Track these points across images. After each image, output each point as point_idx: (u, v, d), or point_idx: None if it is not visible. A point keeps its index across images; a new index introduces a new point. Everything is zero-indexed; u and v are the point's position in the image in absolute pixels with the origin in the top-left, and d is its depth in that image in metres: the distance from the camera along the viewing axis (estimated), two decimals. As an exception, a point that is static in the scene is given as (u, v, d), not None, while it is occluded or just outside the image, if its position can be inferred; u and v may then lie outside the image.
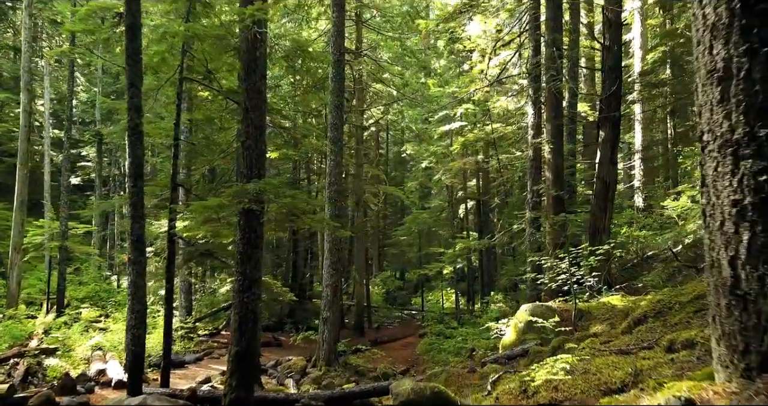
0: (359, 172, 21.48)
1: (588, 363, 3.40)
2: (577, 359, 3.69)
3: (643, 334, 4.89)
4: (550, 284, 9.22)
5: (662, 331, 4.81)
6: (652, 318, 5.49)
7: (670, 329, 4.82)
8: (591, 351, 4.70)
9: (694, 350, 3.37)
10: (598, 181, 12.55)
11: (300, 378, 13.11)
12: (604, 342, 5.06)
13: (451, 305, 27.68)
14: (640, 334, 4.93)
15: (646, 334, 4.85)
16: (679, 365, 3.19)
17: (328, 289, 14.28)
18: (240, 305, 6.80)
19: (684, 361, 3.25)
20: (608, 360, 3.64)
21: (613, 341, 4.98)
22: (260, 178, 6.95)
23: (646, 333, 4.89)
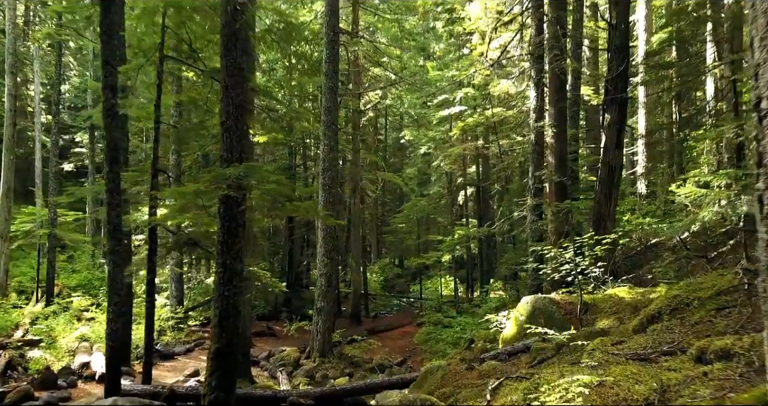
0: (356, 158, 20.93)
1: (602, 371, 2.91)
2: (591, 364, 3.18)
3: (660, 334, 4.39)
4: (553, 275, 8.73)
5: (682, 332, 4.31)
6: (668, 315, 4.99)
7: (690, 329, 4.33)
8: (603, 354, 4.21)
9: (731, 363, 2.88)
10: (603, 166, 12.00)
11: (293, 370, 12.70)
12: (616, 343, 4.57)
13: (450, 292, 27.26)
14: (656, 334, 4.44)
15: (663, 334, 4.36)
16: (717, 383, 2.70)
17: (322, 278, 13.82)
18: (220, 299, 6.31)
19: (722, 377, 2.75)
20: (626, 369, 3.16)
21: (626, 343, 4.49)
22: (242, 162, 6.41)
23: (663, 333, 4.40)
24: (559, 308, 7.89)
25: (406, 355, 16.15)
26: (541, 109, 12.84)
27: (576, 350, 5.99)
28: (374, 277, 32.62)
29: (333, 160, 13.90)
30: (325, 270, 13.76)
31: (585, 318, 7.47)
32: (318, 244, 13.97)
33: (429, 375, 7.07)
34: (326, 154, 13.84)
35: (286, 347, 15.61)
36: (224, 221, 6.43)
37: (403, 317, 22.67)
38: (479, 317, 16.65)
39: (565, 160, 12.35)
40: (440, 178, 28.98)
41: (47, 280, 19.15)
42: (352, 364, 14.23)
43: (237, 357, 6.54)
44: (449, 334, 16.53)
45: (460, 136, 23.43)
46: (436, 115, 24.36)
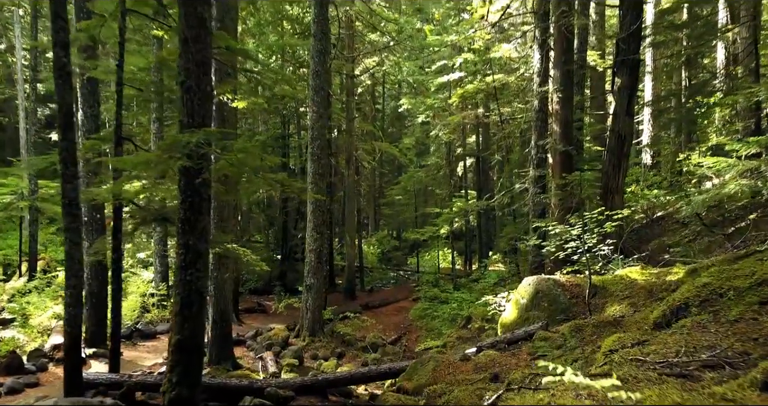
0: (350, 127, 19.99)
1: (632, 393, 2.16)
2: (615, 384, 2.41)
3: (692, 334, 3.63)
4: (558, 253, 7.97)
5: (720, 332, 3.55)
6: (697, 308, 4.23)
7: (729, 329, 3.57)
8: (624, 361, 3.45)
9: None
10: (612, 134, 11.14)
11: (280, 350, 12.07)
12: (638, 342, 3.81)
13: (447, 264, 26.62)
14: (687, 334, 3.68)
15: (696, 335, 3.60)
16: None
17: (311, 254, 13.09)
18: (182, 285, 5.54)
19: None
20: (664, 394, 2.41)
21: (650, 343, 3.73)
22: (205, 127, 5.56)
23: (695, 333, 3.64)
24: (564, 291, 7.15)
25: (401, 332, 15.56)
26: (545, 73, 11.90)
27: (587, 343, 5.27)
28: (371, 249, 31.98)
29: (322, 128, 13.00)
30: (315, 245, 13.02)
31: (593, 302, 6.74)
32: (307, 218, 13.20)
33: (419, 366, 6.38)
34: (315, 122, 12.94)
35: (276, 325, 15.00)
36: (186, 195, 5.61)
37: (399, 291, 22.07)
38: (477, 293, 16.01)
39: (570, 127, 11.47)
40: (439, 148, 28.05)
41: (30, 254, 18.49)
42: (343, 343, 13.63)
43: (202, 349, 5.81)
44: (445, 310, 15.91)
45: (460, 104, 22.45)
46: (435, 81, 23.29)
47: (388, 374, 7.19)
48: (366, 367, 7.90)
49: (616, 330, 5.29)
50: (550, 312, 7.01)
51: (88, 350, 10.53)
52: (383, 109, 40.11)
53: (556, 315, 6.92)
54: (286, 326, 14.54)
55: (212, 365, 10.07)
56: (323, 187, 13.09)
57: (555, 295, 7.08)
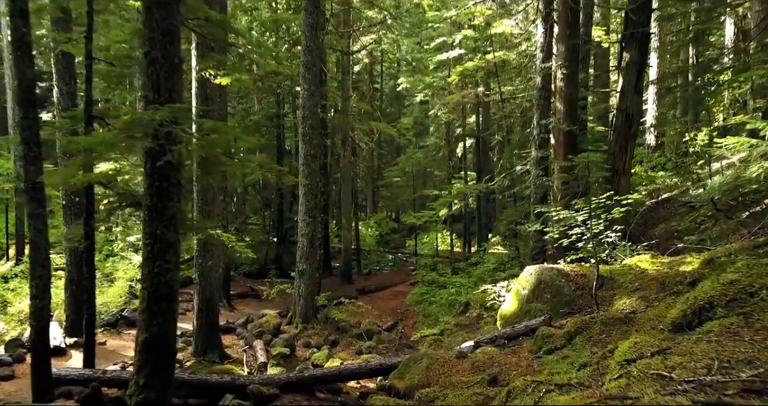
0: (345, 106, 19.31)
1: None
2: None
3: (722, 343, 3.12)
4: (561, 240, 7.46)
5: (755, 341, 3.04)
6: (724, 309, 3.72)
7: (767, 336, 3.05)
8: (644, 377, 2.94)
9: None
10: (619, 113, 10.54)
11: (271, 339, 11.63)
12: (658, 351, 3.30)
13: (446, 247, 26.16)
14: (716, 341, 3.17)
15: (728, 344, 3.09)
16: None
17: (304, 239, 12.58)
18: (150, 278, 5.03)
19: None
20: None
21: (672, 352, 3.22)
22: (173, 104, 4.98)
23: (727, 342, 3.13)
24: (568, 282, 6.65)
25: (397, 318, 15.13)
26: (549, 48, 11.23)
27: (595, 343, 4.77)
28: (369, 231, 31.50)
29: (314, 106, 12.38)
30: (307, 230, 12.50)
31: (600, 295, 6.23)
32: (299, 201, 12.66)
33: (412, 364, 5.90)
34: (306, 100, 12.31)
35: (269, 311, 14.57)
36: (152, 179, 5.07)
37: (397, 275, 21.64)
38: (476, 277, 15.56)
39: (575, 106, 10.86)
40: (438, 128, 27.37)
41: (17, 237, 18.01)
42: (338, 329, 13.20)
43: (173, 348, 5.32)
44: (443, 295, 15.47)
45: (459, 83, 21.72)
46: (434, 59, 22.56)
47: (379, 370, 6.73)
48: (356, 363, 7.41)
49: (627, 329, 4.79)
50: (553, 304, 6.51)
51: (69, 340, 10.10)
52: (381, 88, 39.29)
53: (560, 308, 6.43)
54: (279, 312, 14.10)
55: (198, 355, 9.64)
56: (316, 169, 12.53)
57: (558, 286, 6.58)
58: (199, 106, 9.41)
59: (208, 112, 9.45)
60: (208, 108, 9.38)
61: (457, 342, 11.16)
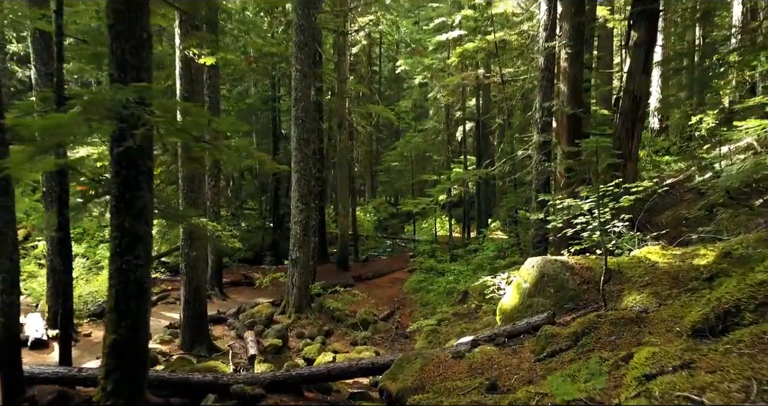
0: (342, 88, 18.75)
1: None
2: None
3: (756, 357, 2.70)
4: (565, 230, 7.01)
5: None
6: (753, 314, 3.30)
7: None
8: (667, 397, 2.53)
9: None
10: (626, 95, 10.05)
11: (263, 329, 11.27)
12: (681, 366, 2.88)
13: (445, 232, 25.77)
14: (748, 355, 2.75)
15: (763, 358, 2.67)
16: None
17: (297, 226, 12.16)
18: (117, 274, 4.61)
19: None
20: None
21: (698, 367, 2.80)
22: (140, 82, 4.50)
23: (761, 356, 2.71)
24: (573, 276, 6.23)
25: (394, 306, 14.78)
26: (552, 27, 10.67)
27: (604, 346, 4.36)
28: (368, 217, 31.10)
29: (306, 88, 11.86)
30: (300, 217, 12.07)
31: (608, 289, 5.81)
32: (292, 187, 12.21)
33: (406, 364, 5.50)
34: (299, 82, 11.79)
35: (262, 299, 14.21)
36: (119, 167, 4.62)
37: (395, 261, 21.28)
38: (475, 265, 15.18)
39: (579, 87, 10.35)
40: (438, 112, 26.80)
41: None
42: (332, 319, 12.85)
43: (146, 351, 4.91)
44: (441, 283, 15.10)
45: (459, 65, 21.13)
46: (433, 40, 21.93)
47: (371, 369, 6.34)
48: (346, 362, 7.02)
49: (639, 330, 4.37)
50: (557, 299, 6.10)
51: (52, 332, 9.71)
52: (380, 71, 38.57)
53: (564, 303, 6.02)
54: (272, 301, 13.74)
55: (185, 348, 9.28)
56: (309, 153, 12.05)
57: (563, 280, 6.16)
58: (184, 87, 8.91)
59: (193, 94, 8.94)
60: (193, 90, 8.87)
61: (455, 333, 10.82)
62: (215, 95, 13.88)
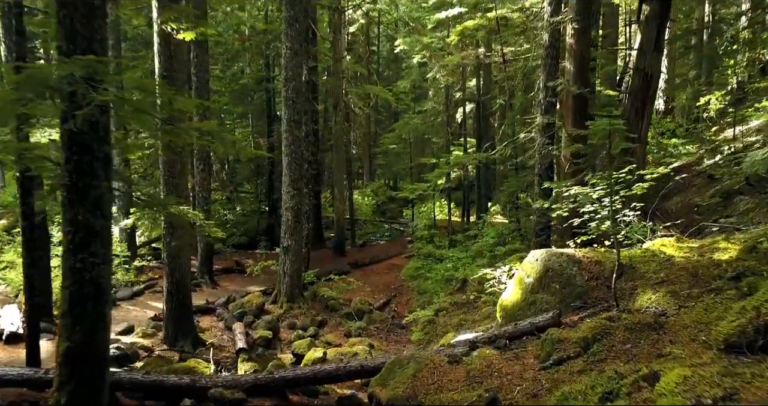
0: (337, 68, 18.06)
1: None
2: None
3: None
4: (572, 220, 6.49)
5: None
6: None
7: None
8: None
9: None
10: (636, 73, 9.44)
11: (254, 320, 10.82)
12: (724, 397, 2.37)
13: (444, 216, 25.28)
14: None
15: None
16: None
17: (288, 212, 11.63)
18: (71, 274, 4.09)
19: None
20: None
21: (744, 400, 2.30)
22: (94, 55, 3.92)
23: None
24: (580, 270, 5.71)
25: (391, 294, 14.34)
26: (558, 0, 10.03)
27: (618, 355, 3.86)
28: (366, 200, 30.55)
29: (297, 67, 11.23)
30: (292, 203, 11.53)
31: (619, 286, 5.30)
32: (283, 171, 11.65)
33: (398, 369, 5.01)
34: (289, 60, 11.16)
35: (254, 288, 13.75)
36: (71, 152, 4.07)
37: (392, 247, 20.81)
38: (474, 252, 14.69)
39: (586, 65, 9.73)
40: (438, 93, 26.07)
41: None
42: (326, 308, 12.40)
43: (106, 358, 4.40)
44: (440, 270, 14.63)
45: (459, 44, 20.38)
46: (432, 18, 21.13)
47: (360, 372, 5.86)
48: (333, 364, 6.55)
49: (659, 338, 3.87)
50: (563, 296, 5.60)
51: (29, 325, 9.25)
52: (378, 50, 37.70)
53: (571, 301, 5.52)
54: (264, 289, 13.29)
55: (169, 343, 8.82)
56: (300, 136, 11.47)
57: (569, 275, 5.65)
58: (162, 65, 8.30)
59: (173, 72, 8.34)
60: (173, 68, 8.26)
61: (453, 324, 10.37)
62: (203, 75, 13.26)
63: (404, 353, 10.07)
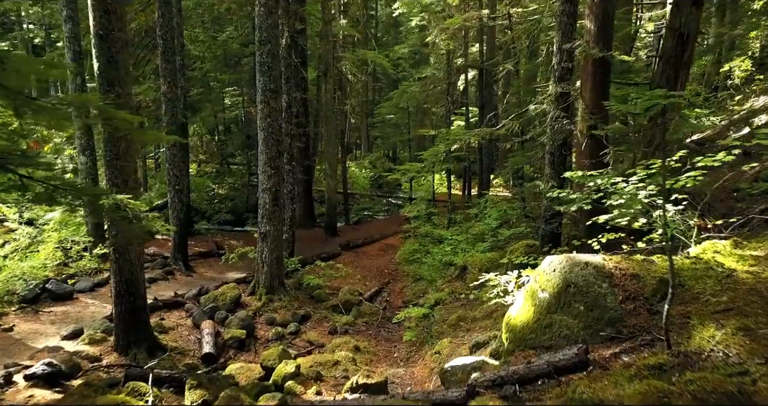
0: (326, 31, 16.43)
1: None
2: None
3: None
4: (596, 217, 5.16)
5: None
6: None
7: None
8: None
9: None
10: (669, 34, 7.95)
11: (227, 316, 9.63)
12: None
13: (444, 190, 23.94)
14: None
15: None
16: None
17: (265, 195, 10.31)
18: None
19: None
20: None
21: None
22: None
23: None
24: (612, 287, 4.41)
25: (384, 281, 13.13)
26: (578, -55, 8.45)
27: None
28: (363, 173, 29.18)
29: (273, 27, 9.70)
30: (269, 183, 10.19)
31: (661, 308, 3.99)
32: (258, 148, 10.26)
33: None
34: (263, 19, 9.64)
35: (233, 274, 12.54)
36: None
37: (389, 224, 19.56)
38: (475, 236, 13.39)
39: (610, 24, 8.21)
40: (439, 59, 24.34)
41: None
42: (311, 299, 11.20)
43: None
44: (438, 253, 13.39)
45: (461, 4, 18.71)
46: (432, -25, 19.38)
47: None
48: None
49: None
50: (589, 322, 4.32)
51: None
52: (377, 15, 35.78)
53: (600, 328, 4.24)
54: (245, 276, 12.08)
55: (120, 350, 7.62)
56: (277, 107, 10.04)
57: (597, 294, 4.35)
58: (97, 22, 6.84)
59: (112, 31, 6.89)
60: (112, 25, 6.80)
61: (450, 322, 9.14)
62: (169, 36, 11.74)
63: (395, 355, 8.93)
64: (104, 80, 7.08)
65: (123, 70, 7.22)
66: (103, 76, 7.08)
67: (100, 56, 7.02)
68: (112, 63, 7.06)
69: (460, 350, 7.10)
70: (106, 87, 7.10)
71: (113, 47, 7.01)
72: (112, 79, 7.10)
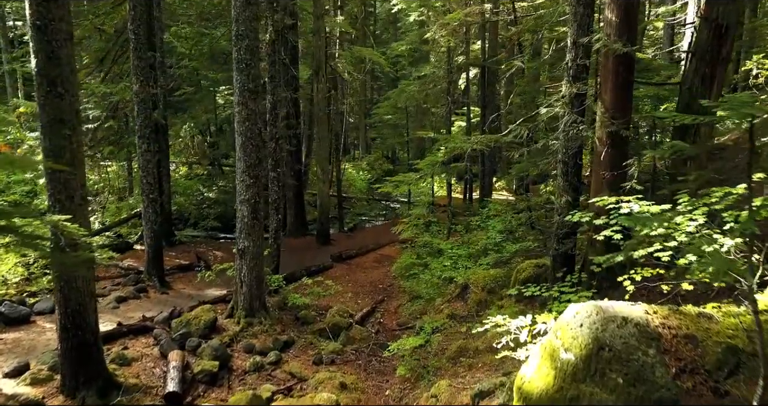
0: (319, 26, 15.36)
1: None
2: None
3: None
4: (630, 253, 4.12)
5: None
6: None
7: None
8: None
9: None
10: (704, 25, 6.89)
11: (200, 343, 8.57)
12: None
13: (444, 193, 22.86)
14: None
15: None
16: None
17: (244, 207, 9.25)
18: None
19: None
20: None
21: None
22: None
23: None
24: (660, 354, 3.34)
25: (377, 298, 12.09)
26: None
27: None
28: (360, 175, 28.15)
29: (251, 20, 8.62)
30: (248, 194, 9.13)
31: (731, 390, 2.94)
32: (236, 155, 9.19)
33: None
34: (240, 11, 8.56)
35: (214, 292, 11.50)
36: None
37: (385, 232, 18.45)
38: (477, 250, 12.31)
39: (635, 15, 7.15)
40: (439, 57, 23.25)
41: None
42: (296, 321, 10.14)
43: None
44: (437, 267, 12.29)
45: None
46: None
47: None
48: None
49: None
50: (632, 401, 3.26)
51: None
52: (375, 11, 34.79)
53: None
54: (225, 294, 11.03)
55: (67, 393, 6.58)
56: (256, 109, 8.97)
57: (643, 363, 3.30)
58: (34, 10, 5.80)
59: (52, 21, 5.84)
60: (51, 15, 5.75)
61: (448, 356, 8.06)
62: (142, 30, 10.68)
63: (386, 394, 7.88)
64: (44, 79, 6.04)
65: (67, 67, 6.17)
66: (42, 75, 6.04)
67: (38, 51, 5.98)
68: (53, 59, 6.02)
69: (461, 398, 6.05)
70: (46, 87, 6.06)
71: (54, 41, 5.97)
72: (53, 78, 6.06)
